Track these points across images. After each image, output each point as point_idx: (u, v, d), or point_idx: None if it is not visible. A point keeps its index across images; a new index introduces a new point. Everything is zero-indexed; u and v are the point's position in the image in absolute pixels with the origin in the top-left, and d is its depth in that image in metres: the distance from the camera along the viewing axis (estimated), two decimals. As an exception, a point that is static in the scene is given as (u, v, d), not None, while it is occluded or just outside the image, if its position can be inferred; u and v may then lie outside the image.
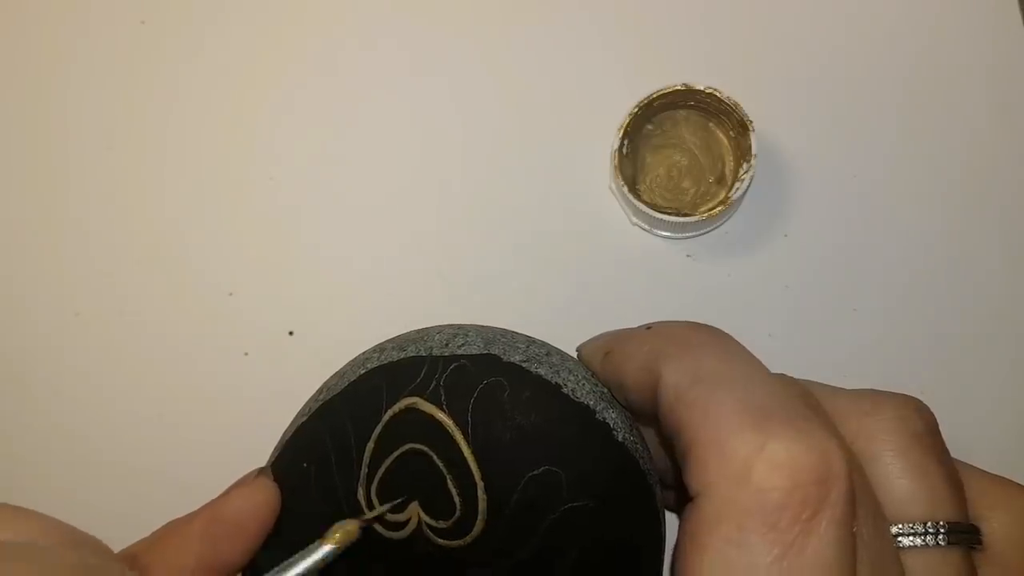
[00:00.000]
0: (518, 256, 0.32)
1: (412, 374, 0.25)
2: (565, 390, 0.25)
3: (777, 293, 0.32)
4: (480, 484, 0.23)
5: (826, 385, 0.22)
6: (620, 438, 0.24)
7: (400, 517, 0.24)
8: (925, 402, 0.22)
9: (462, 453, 0.24)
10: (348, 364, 0.27)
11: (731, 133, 0.32)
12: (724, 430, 0.18)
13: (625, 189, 0.30)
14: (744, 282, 0.33)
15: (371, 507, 0.24)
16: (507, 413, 0.25)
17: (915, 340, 0.25)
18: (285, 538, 0.24)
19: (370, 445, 0.24)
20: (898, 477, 0.21)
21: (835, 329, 0.32)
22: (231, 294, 0.33)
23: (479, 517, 0.23)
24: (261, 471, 0.26)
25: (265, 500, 0.25)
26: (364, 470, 0.24)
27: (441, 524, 0.23)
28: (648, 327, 0.24)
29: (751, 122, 0.30)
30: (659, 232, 0.32)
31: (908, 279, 0.32)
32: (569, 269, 0.30)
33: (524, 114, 0.34)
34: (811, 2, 0.34)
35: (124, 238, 0.33)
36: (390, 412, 0.24)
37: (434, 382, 0.25)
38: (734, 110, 0.30)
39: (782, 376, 0.21)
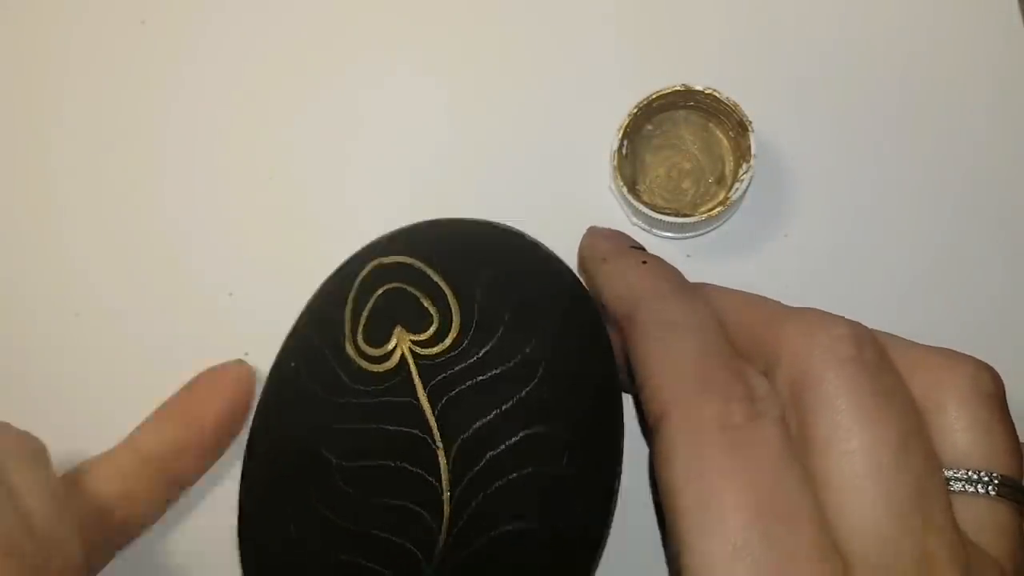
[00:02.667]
0: (518, 256, 0.32)
1: (371, 249, 0.29)
2: (509, 229, 0.30)
3: (777, 293, 0.32)
4: (448, 291, 0.27)
5: (902, 338, 0.24)
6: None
7: (386, 348, 0.27)
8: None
9: (428, 275, 0.28)
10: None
11: (731, 133, 0.32)
12: (680, 373, 0.23)
13: (625, 190, 0.31)
14: (744, 282, 0.32)
15: (361, 355, 0.27)
16: (458, 239, 0.29)
17: (916, 340, 0.25)
18: (291, 429, 0.28)
19: (348, 307, 0.28)
20: (962, 430, 0.22)
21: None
22: (231, 294, 0.33)
23: (454, 319, 0.27)
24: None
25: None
26: (347, 327, 0.27)
27: (423, 336, 0.27)
28: (644, 261, 0.27)
29: (750, 123, 0.30)
30: (659, 232, 0.32)
31: (908, 279, 0.32)
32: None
33: (523, 115, 0.34)
34: (811, 2, 0.34)
35: (124, 238, 0.33)
36: (359, 277, 0.28)
37: (392, 243, 0.29)
38: (733, 110, 0.30)
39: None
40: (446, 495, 0.25)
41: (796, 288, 0.32)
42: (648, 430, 0.24)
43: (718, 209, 0.30)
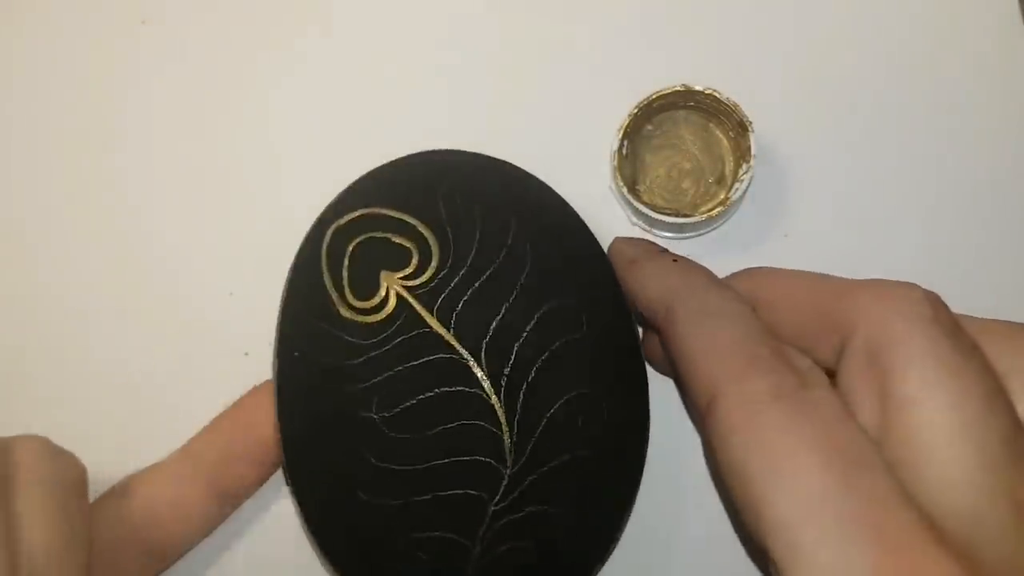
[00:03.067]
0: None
1: (322, 223, 0.29)
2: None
3: (777, 293, 0.32)
4: (414, 221, 0.28)
5: (976, 318, 0.24)
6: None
7: (379, 295, 0.27)
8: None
9: (387, 215, 0.28)
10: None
11: (731, 134, 0.32)
12: (726, 355, 0.23)
13: (625, 190, 0.31)
14: (744, 282, 0.32)
15: (358, 312, 0.27)
16: (399, 174, 0.29)
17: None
18: (326, 415, 0.27)
19: (325, 278, 0.28)
20: None
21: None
22: (231, 294, 0.33)
23: (431, 243, 0.27)
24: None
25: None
26: (332, 295, 0.27)
27: (409, 270, 0.27)
28: (674, 259, 0.28)
29: (750, 123, 0.30)
30: (659, 232, 0.32)
31: (908, 279, 0.32)
32: (569, 269, 0.30)
33: (523, 115, 0.34)
34: (811, 2, 0.34)
35: (124, 238, 0.33)
36: (323, 249, 0.28)
37: (339, 205, 0.29)
38: (733, 111, 0.30)
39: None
40: (493, 399, 0.26)
41: (796, 288, 0.32)
42: (700, 418, 0.24)
43: (718, 209, 0.31)
